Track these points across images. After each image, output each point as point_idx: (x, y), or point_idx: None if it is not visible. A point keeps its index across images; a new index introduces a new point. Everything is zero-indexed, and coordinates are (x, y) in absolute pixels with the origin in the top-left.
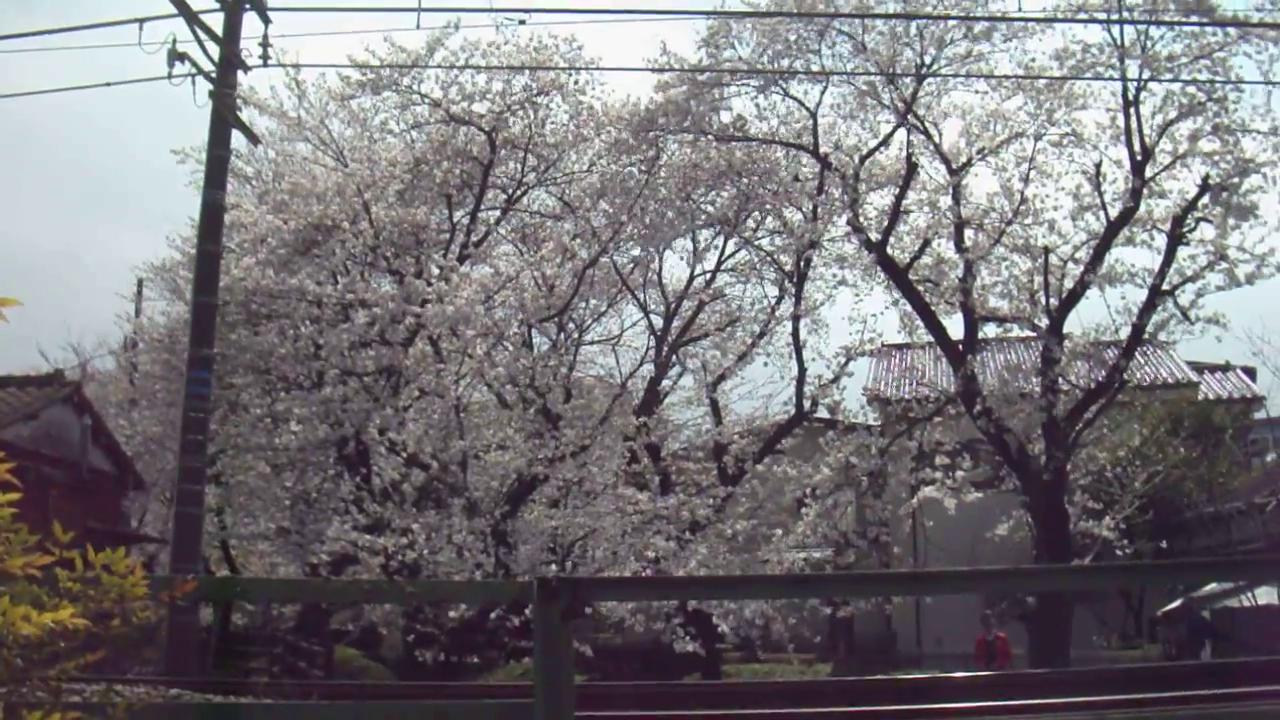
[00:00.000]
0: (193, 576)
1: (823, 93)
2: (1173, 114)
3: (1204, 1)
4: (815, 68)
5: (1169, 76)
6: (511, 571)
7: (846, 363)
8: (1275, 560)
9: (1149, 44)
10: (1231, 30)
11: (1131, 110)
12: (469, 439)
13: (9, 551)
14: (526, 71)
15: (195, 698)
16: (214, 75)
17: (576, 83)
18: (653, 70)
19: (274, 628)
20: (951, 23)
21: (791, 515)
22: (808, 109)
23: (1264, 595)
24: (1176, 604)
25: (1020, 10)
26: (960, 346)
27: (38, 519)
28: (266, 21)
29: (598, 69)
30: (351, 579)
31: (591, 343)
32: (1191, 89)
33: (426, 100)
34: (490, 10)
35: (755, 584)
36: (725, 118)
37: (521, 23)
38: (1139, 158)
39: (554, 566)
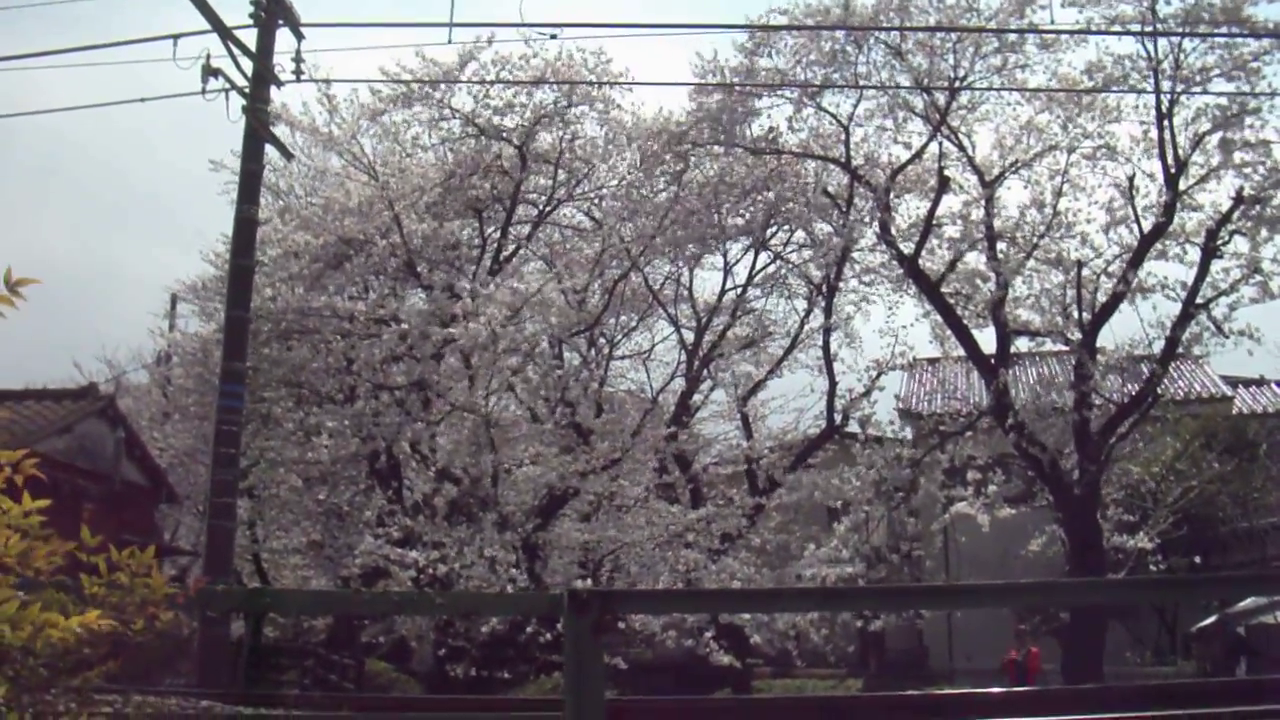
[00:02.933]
0: (224, 588)
1: (855, 105)
2: (1206, 126)
3: (1238, 12)
4: (850, 77)
5: (1201, 89)
6: (544, 585)
7: (878, 376)
8: None
9: (1182, 56)
10: (1266, 41)
11: (1165, 123)
12: (500, 453)
13: (38, 556)
14: (556, 85)
15: (226, 710)
16: (247, 90)
17: (603, 92)
18: (685, 85)
19: (305, 640)
20: (987, 34)
21: (823, 529)
22: (840, 122)
23: None
24: (1211, 620)
25: (1054, 23)
26: (992, 360)
27: (70, 531)
28: (299, 37)
29: (631, 84)
30: (382, 591)
31: (622, 357)
32: (1224, 101)
33: (457, 115)
34: (521, 25)
35: (788, 596)
36: (757, 129)
37: (553, 37)
38: (1172, 170)
39: (586, 580)
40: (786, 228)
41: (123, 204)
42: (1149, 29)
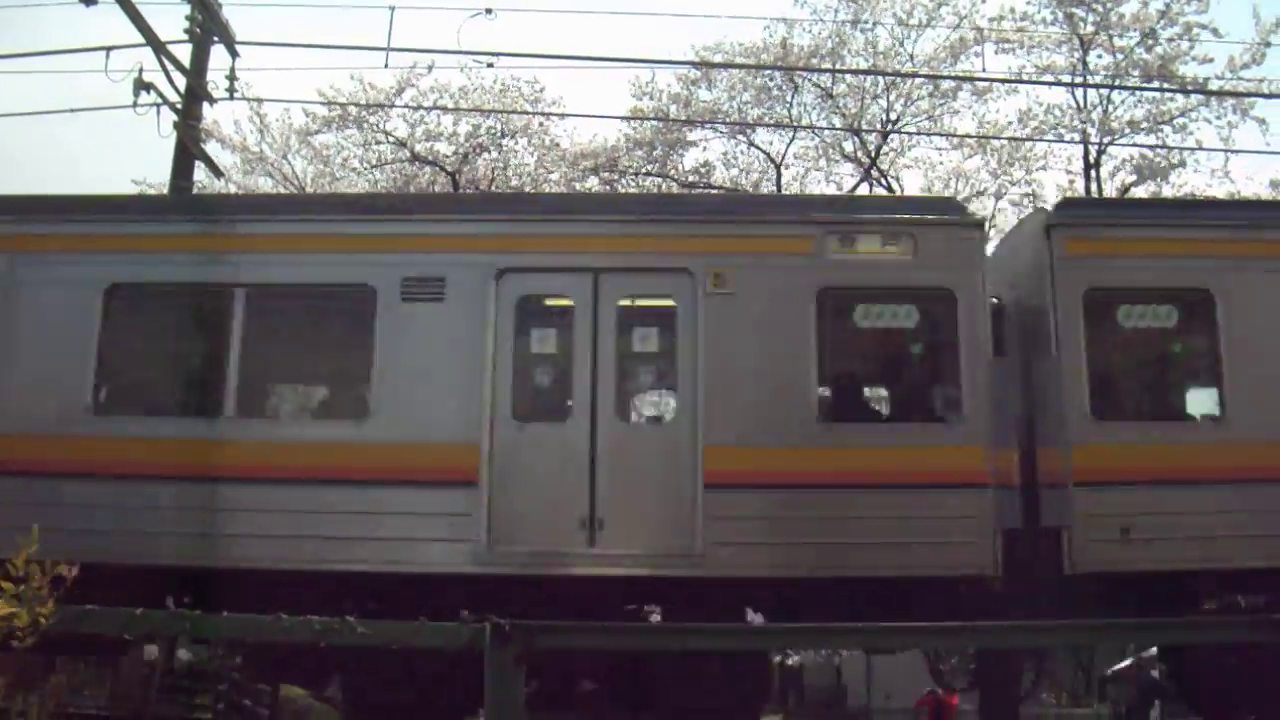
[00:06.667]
0: (141, 611)
1: (788, 145)
2: (1131, 177)
3: (1165, 68)
4: (783, 116)
5: (1128, 140)
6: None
7: None
8: (1222, 621)
9: (1110, 108)
10: (1192, 96)
11: (1092, 172)
12: None
13: None
14: (493, 114)
15: None
16: (179, 106)
17: (542, 124)
18: (617, 118)
19: (220, 664)
20: (918, 80)
21: None
22: (772, 160)
23: None
24: (1126, 664)
25: (985, 71)
26: None
27: None
28: (234, 55)
29: (564, 114)
30: (303, 618)
31: None
32: (1149, 153)
33: (391, 139)
34: (459, 52)
35: (715, 633)
36: (690, 161)
37: (490, 65)
38: None
39: None
40: None
41: None
42: (1079, 79)
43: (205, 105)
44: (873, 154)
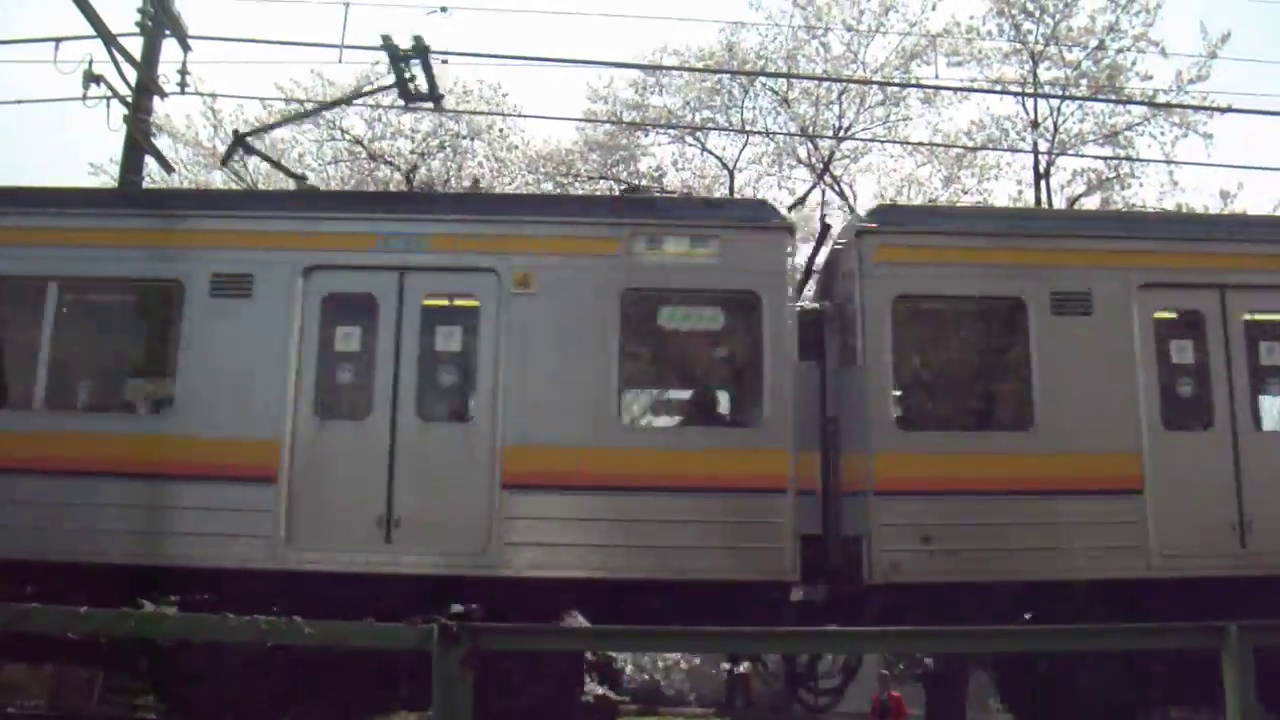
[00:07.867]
0: (86, 610)
1: (741, 149)
2: (1080, 188)
3: (1114, 81)
4: (736, 121)
5: (1075, 153)
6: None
7: None
8: (1179, 628)
9: (1060, 120)
10: (1136, 110)
11: (1042, 183)
12: None
13: None
14: (452, 114)
15: None
16: (130, 100)
17: (502, 131)
18: (572, 120)
19: None
20: (871, 86)
21: None
22: (725, 165)
23: None
24: None
25: (937, 78)
26: None
27: None
28: (186, 49)
29: (520, 115)
30: (250, 618)
31: None
32: (1100, 165)
33: (348, 137)
34: (415, 50)
35: (667, 636)
36: (643, 166)
37: (444, 62)
38: None
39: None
40: None
41: None
42: (1029, 91)
43: (157, 99)
44: (826, 159)
